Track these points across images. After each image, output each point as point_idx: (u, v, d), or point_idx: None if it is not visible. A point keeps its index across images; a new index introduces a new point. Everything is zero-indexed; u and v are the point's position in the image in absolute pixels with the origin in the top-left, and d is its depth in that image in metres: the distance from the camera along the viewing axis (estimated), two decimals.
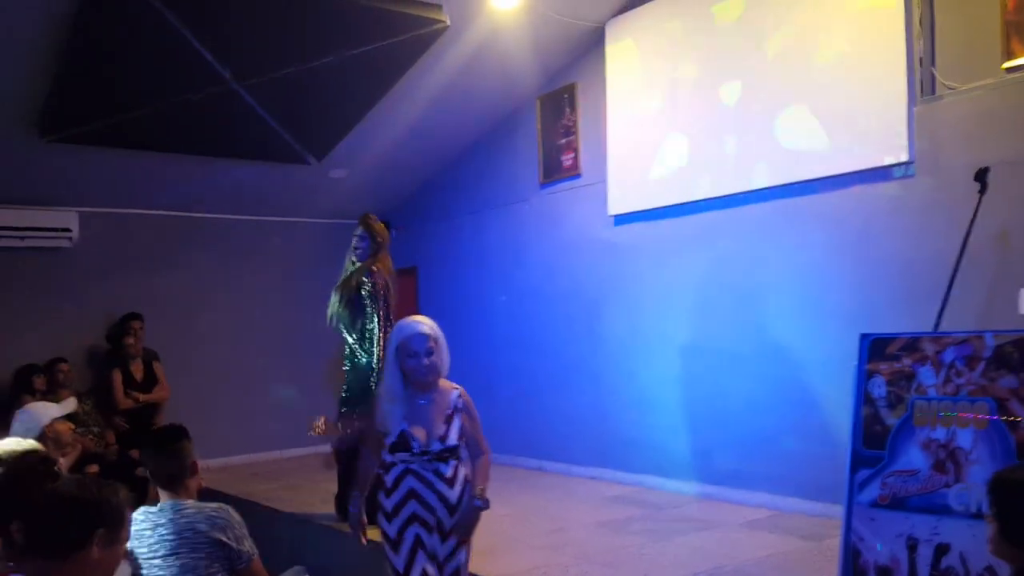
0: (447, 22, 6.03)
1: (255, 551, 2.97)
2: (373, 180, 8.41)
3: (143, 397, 7.42)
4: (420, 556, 3.14)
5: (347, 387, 5.54)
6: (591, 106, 6.94)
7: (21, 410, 3.79)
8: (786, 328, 5.50)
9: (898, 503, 3.64)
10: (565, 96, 7.19)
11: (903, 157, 4.86)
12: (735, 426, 5.77)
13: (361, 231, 5.80)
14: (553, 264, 7.34)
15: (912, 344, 3.77)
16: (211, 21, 5.56)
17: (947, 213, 4.62)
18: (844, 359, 4.42)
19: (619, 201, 6.63)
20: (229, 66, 6.02)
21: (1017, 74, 4.45)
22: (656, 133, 6.31)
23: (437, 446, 3.13)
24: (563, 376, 7.16)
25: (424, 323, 3.18)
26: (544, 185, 7.47)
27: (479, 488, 3.20)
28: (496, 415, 7.74)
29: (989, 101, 4.57)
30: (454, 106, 7.34)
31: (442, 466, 3.14)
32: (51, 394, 6.99)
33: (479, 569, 4.04)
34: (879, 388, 3.80)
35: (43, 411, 3.72)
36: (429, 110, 7.20)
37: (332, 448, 5.86)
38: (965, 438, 3.51)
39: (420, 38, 6.14)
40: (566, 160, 7.23)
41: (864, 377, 3.86)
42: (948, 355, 3.65)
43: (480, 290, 8.16)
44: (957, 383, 3.60)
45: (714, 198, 5.92)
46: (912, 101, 4.85)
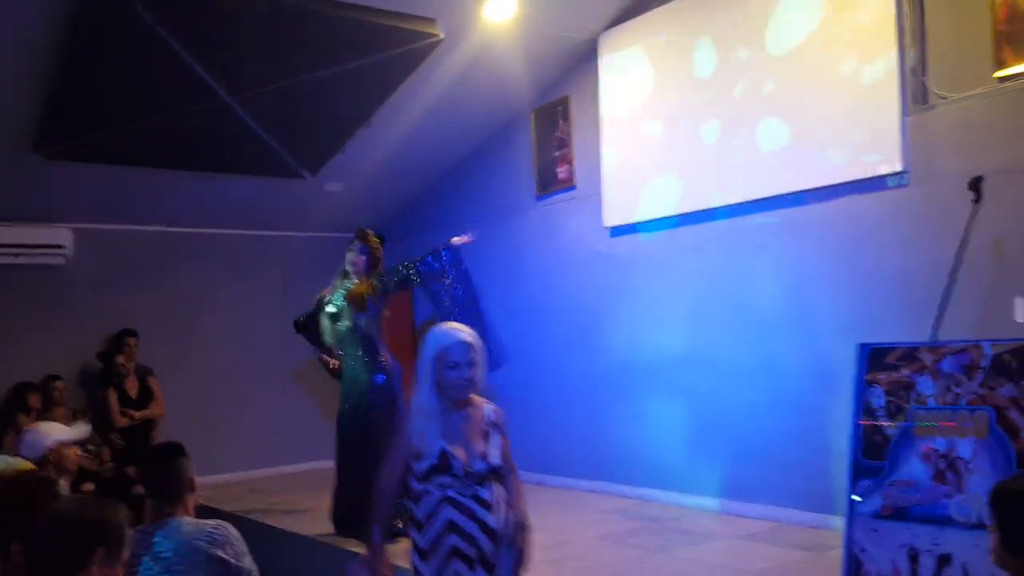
0: (440, 36, 6.05)
1: (255, 568, 2.95)
2: (368, 193, 8.41)
3: (138, 414, 7.37)
4: None
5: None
6: (585, 118, 6.96)
7: (27, 429, 3.74)
8: (784, 338, 5.50)
9: (899, 513, 3.64)
10: (559, 108, 7.21)
11: (897, 167, 4.88)
12: (735, 438, 5.76)
13: (360, 245, 5.83)
14: (550, 276, 7.33)
15: (910, 354, 3.78)
16: (204, 37, 5.57)
17: (942, 222, 4.63)
18: (842, 369, 4.43)
19: (614, 213, 6.64)
20: (223, 81, 6.03)
21: (1009, 83, 4.47)
22: (650, 145, 6.32)
23: (480, 466, 2.78)
24: (561, 388, 7.14)
25: (464, 331, 2.85)
26: (539, 197, 7.47)
27: (518, 516, 2.87)
28: None
29: (982, 110, 4.59)
30: (448, 119, 7.35)
31: (481, 490, 2.78)
32: (46, 412, 6.97)
33: None
34: (878, 398, 3.81)
35: (48, 432, 3.66)
36: (423, 123, 7.20)
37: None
38: (965, 448, 3.51)
39: (414, 52, 6.15)
40: (561, 172, 7.24)
41: (863, 387, 3.87)
42: (946, 364, 3.66)
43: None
44: (956, 392, 3.60)
45: (710, 209, 5.92)
46: (905, 111, 4.87)
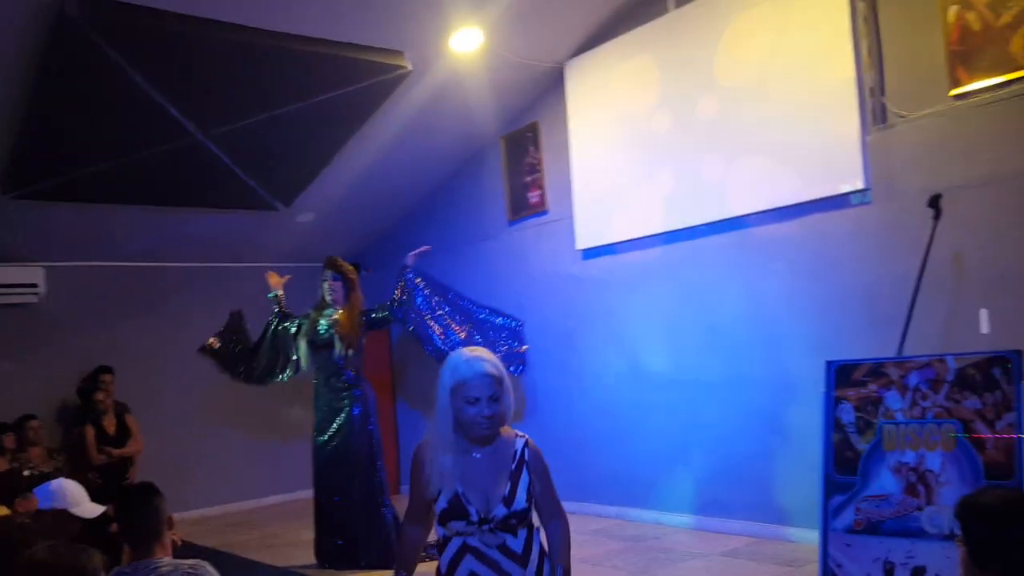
0: (409, 67, 6.12)
1: None
2: (342, 223, 8.44)
3: (116, 452, 7.30)
4: None
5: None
6: (554, 144, 7.04)
7: (61, 481, 3.65)
8: (754, 356, 5.58)
9: (872, 528, 3.70)
10: (528, 135, 7.30)
11: (859, 185, 4.99)
12: (711, 455, 5.82)
13: (331, 274, 5.88)
14: (524, 299, 7.38)
15: (877, 369, 3.85)
16: (175, 75, 5.60)
17: (904, 238, 4.74)
18: (812, 385, 4.50)
19: (586, 236, 6.72)
20: (193, 118, 6.05)
21: (964, 101, 4.60)
22: (619, 168, 6.41)
23: (501, 512, 2.37)
24: (537, 411, 7.18)
25: (486, 359, 2.42)
26: (512, 222, 7.54)
27: (559, 569, 2.46)
28: None
29: (939, 128, 4.72)
30: (419, 147, 7.42)
31: (510, 539, 2.39)
32: (21, 451, 6.89)
33: None
34: (848, 414, 3.88)
35: (74, 500, 3.56)
36: (394, 152, 7.27)
37: None
38: (934, 461, 3.58)
39: (383, 83, 6.22)
40: (532, 197, 7.31)
41: (832, 404, 3.93)
42: (912, 379, 3.73)
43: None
44: (923, 406, 3.68)
45: (678, 230, 6.02)
46: (865, 130, 4.99)
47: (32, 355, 7.64)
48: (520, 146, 7.39)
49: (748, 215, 5.58)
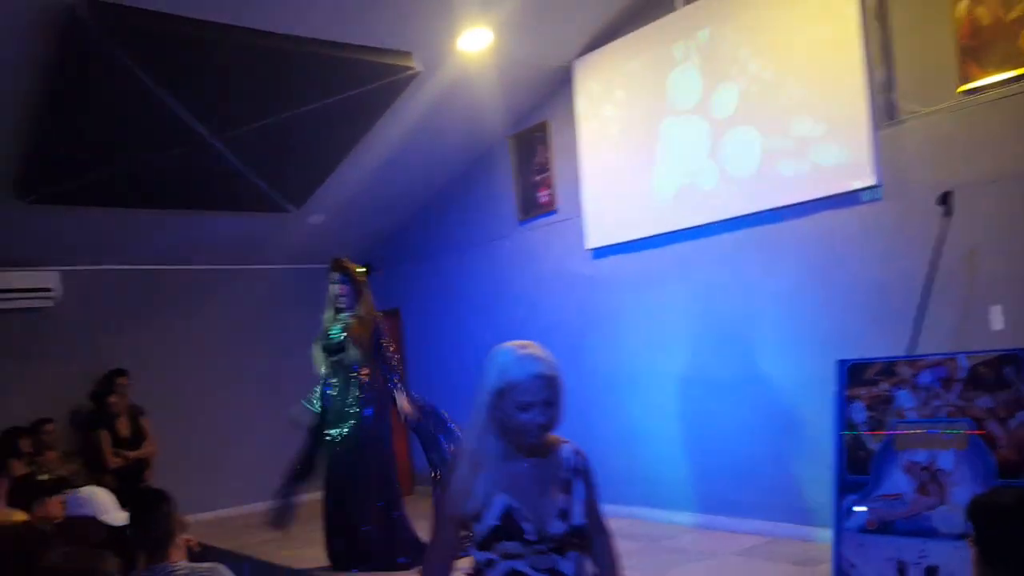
0: (417, 68, 6.13)
1: None
2: (352, 224, 8.47)
3: (131, 455, 7.36)
4: None
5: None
6: (563, 143, 7.04)
7: (89, 489, 3.68)
8: (766, 354, 5.56)
9: (885, 527, 3.69)
10: (537, 134, 7.30)
11: (870, 181, 4.96)
12: (724, 454, 5.81)
13: (339, 276, 5.86)
14: (535, 299, 7.39)
15: (889, 368, 3.84)
16: (186, 79, 5.63)
17: (916, 235, 4.71)
18: (824, 383, 4.49)
19: (596, 235, 6.71)
20: (205, 122, 6.08)
21: (974, 97, 4.57)
22: (629, 166, 6.40)
23: (559, 527, 2.07)
24: None
25: (540, 357, 2.12)
26: (522, 222, 7.54)
27: None
28: None
29: (949, 124, 4.69)
30: (428, 148, 7.43)
31: (562, 562, 2.07)
32: (38, 455, 6.95)
33: None
34: (859, 413, 3.87)
35: (101, 507, 3.58)
36: (403, 153, 7.28)
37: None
38: (946, 460, 3.57)
39: (392, 85, 6.23)
40: (542, 197, 7.32)
41: (844, 403, 3.92)
42: (924, 378, 3.72)
43: (463, 328, 8.19)
44: (935, 405, 3.67)
45: (688, 228, 6.00)
46: (875, 126, 4.96)
47: (47, 359, 7.69)
48: (529, 146, 7.39)
49: (758, 212, 5.56)
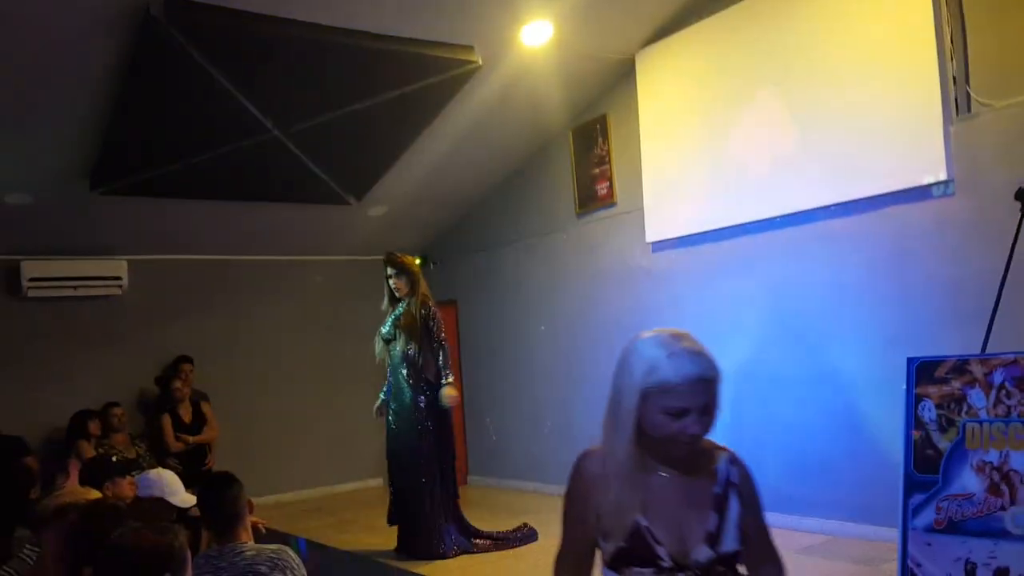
0: (479, 62, 6.15)
1: None
2: (411, 216, 8.55)
3: (192, 439, 7.55)
4: None
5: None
6: (623, 135, 7.01)
7: (158, 471, 3.82)
8: (831, 351, 5.47)
9: (954, 527, 3.61)
10: (597, 126, 7.27)
11: (941, 176, 4.85)
12: (785, 450, 5.73)
13: (394, 271, 5.95)
14: (592, 293, 7.38)
15: (960, 366, 3.75)
16: (254, 74, 5.74)
17: (989, 231, 4.59)
18: (891, 380, 4.41)
19: (657, 228, 6.67)
20: (272, 116, 6.20)
21: None
22: (691, 159, 6.35)
23: (704, 554, 1.72)
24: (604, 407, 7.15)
25: (700, 354, 1.75)
26: (580, 215, 7.53)
27: None
28: (541, 447, 7.78)
29: None
30: (488, 141, 7.46)
31: None
32: (105, 438, 7.18)
33: None
34: (929, 412, 3.78)
35: (170, 490, 3.65)
36: (463, 146, 7.32)
37: None
38: (1019, 460, 3.47)
39: (454, 78, 6.27)
40: (601, 189, 7.30)
41: (913, 401, 3.84)
42: (997, 376, 3.62)
43: (520, 321, 8.22)
44: (1008, 404, 3.57)
45: (752, 222, 5.93)
46: (948, 119, 4.84)
47: (115, 345, 7.93)
48: (589, 138, 7.37)
49: (826, 207, 5.47)
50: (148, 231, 7.71)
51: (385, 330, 5.96)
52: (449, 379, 5.85)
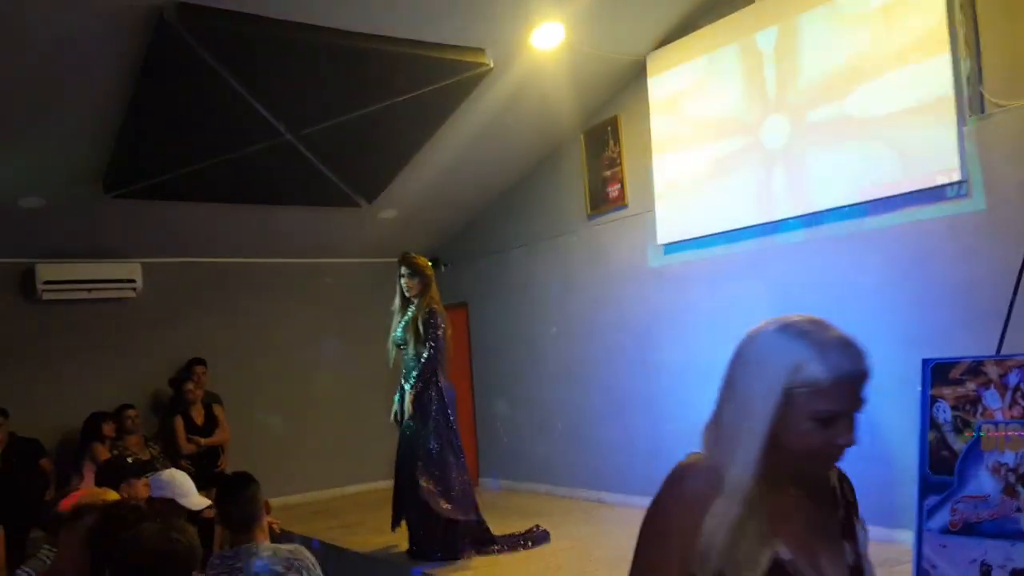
0: (490, 65, 6.17)
1: None
2: (422, 219, 8.57)
3: (204, 441, 7.56)
4: None
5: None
6: (634, 137, 7.01)
7: (170, 471, 3.82)
8: None
9: (969, 529, 3.59)
10: (608, 129, 7.28)
11: (955, 177, 4.83)
12: None
13: (408, 271, 5.96)
14: (603, 295, 7.37)
15: (975, 368, 3.74)
16: (266, 78, 5.78)
17: (1003, 232, 4.58)
18: (906, 382, 4.38)
19: (668, 230, 6.66)
20: (284, 119, 6.24)
21: None
22: (703, 161, 6.34)
23: None
24: (617, 406, 7.16)
25: (856, 346, 1.44)
26: (591, 217, 7.53)
27: None
28: (552, 448, 7.77)
29: None
30: (498, 143, 7.47)
31: None
32: (119, 440, 7.20)
33: None
34: (944, 413, 3.77)
35: (182, 490, 3.65)
36: (474, 149, 7.33)
37: None
38: None
39: (465, 81, 6.28)
40: (612, 191, 7.30)
41: (928, 402, 3.83)
42: (1012, 378, 3.61)
43: (531, 323, 8.22)
44: (1023, 405, 3.55)
45: (765, 223, 5.92)
46: (962, 120, 4.83)
47: (130, 347, 7.98)
48: (600, 140, 7.38)
49: (839, 208, 5.45)
50: (161, 234, 7.75)
51: (397, 335, 5.98)
52: (417, 386, 5.76)
